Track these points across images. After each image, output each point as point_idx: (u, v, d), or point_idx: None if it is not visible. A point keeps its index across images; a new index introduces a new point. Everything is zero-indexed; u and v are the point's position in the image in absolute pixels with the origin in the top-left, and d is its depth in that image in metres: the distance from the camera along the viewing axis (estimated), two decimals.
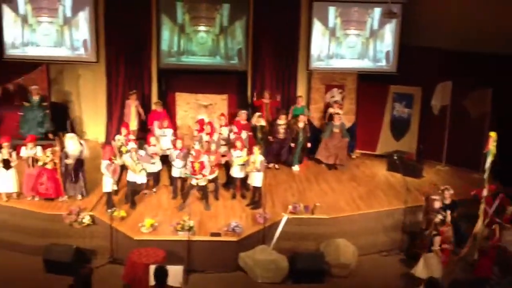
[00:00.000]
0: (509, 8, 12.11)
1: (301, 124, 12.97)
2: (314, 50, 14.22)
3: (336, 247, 9.94)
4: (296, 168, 13.12)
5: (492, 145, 9.53)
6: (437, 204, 9.98)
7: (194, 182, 10.62)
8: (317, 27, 14.12)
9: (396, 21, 13.88)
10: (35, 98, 13.16)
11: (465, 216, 10.33)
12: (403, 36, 14.06)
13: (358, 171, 13.18)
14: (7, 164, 10.50)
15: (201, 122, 12.38)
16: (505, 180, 11.05)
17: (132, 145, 10.79)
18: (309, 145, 13.12)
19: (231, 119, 13.16)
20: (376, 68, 14.43)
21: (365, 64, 14.42)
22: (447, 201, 10.06)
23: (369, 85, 14.23)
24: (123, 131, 11.50)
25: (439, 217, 9.67)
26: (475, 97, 12.28)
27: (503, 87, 12.23)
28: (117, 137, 11.41)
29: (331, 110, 13.77)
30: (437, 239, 9.47)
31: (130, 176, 10.67)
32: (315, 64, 14.31)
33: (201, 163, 10.55)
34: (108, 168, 10.25)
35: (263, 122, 12.94)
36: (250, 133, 12.55)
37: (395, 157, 12.52)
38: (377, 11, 14.01)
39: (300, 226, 10.45)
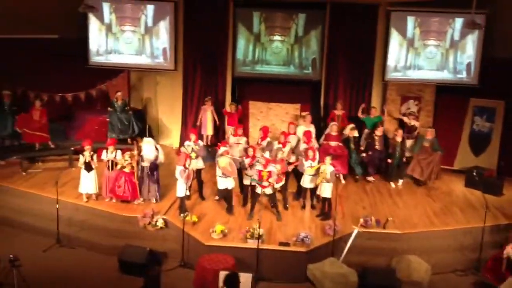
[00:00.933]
0: None
1: (399, 138, 12.68)
2: (391, 61, 13.96)
3: (408, 264, 9.63)
4: (393, 185, 12.75)
5: None
6: None
7: (259, 190, 10.67)
8: (395, 37, 13.87)
9: (479, 31, 13.35)
10: (119, 103, 13.73)
11: None
12: (485, 47, 13.51)
13: (434, 186, 12.74)
14: (88, 167, 10.99)
15: (264, 130, 12.39)
16: None
17: (224, 148, 10.98)
18: (412, 163, 12.72)
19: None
20: (456, 80, 13.93)
21: (445, 75, 13.96)
22: None
23: (447, 97, 13.78)
24: (192, 136, 11.72)
25: None
26: None
27: None
28: (186, 143, 11.55)
29: (406, 120, 13.44)
30: None
31: (221, 184, 10.87)
32: (391, 75, 14.04)
33: (269, 172, 10.57)
34: (182, 174, 10.48)
35: (356, 133, 12.86)
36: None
37: (475, 173, 12.02)
38: (458, 21, 13.56)
39: (371, 240, 10.24)
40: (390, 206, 11.53)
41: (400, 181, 12.78)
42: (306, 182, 11.19)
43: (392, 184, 12.74)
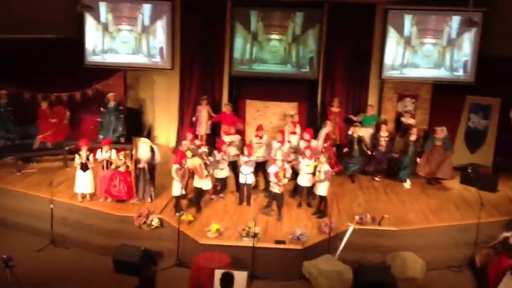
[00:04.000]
0: None
1: (413, 137, 12.65)
2: (388, 59, 13.98)
3: (403, 261, 9.63)
4: (407, 184, 12.69)
5: None
6: None
7: (277, 190, 10.69)
8: (392, 36, 13.88)
9: (476, 30, 13.35)
10: (112, 104, 13.75)
11: None
12: (482, 45, 13.52)
13: (429, 183, 12.74)
14: (84, 166, 11.01)
15: (259, 128, 12.42)
16: None
17: (203, 149, 11.00)
18: (418, 160, 12.63)
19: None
20: (453, 77, 13.95)
21: (441, 73, 13.97)
22: None
23: (444, 95, 13.80)
24: (188, 136, 11.74)
25: None
26: None
27: None
28: (184, 142, 11.67)
29: (403, 119, 13.45)
30: None
31: (196, 182, 10.89)
32: (388, 73, 14.05)
33: (284, 170, 10.60)
34: (178, 173, 10.51)
35: (361, 133, 12.86)
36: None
37: (470, 170, 12.03)
38: (455, 20, 13.57)
39: (367, 237, 10.24)
40: (386, 203, 11.55)
41: (408, 181, 12.72)
42: (303, 180, 11.21)
43: (407, 185, 12.62)
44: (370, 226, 10.35)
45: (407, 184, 12.60)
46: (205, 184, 10.91)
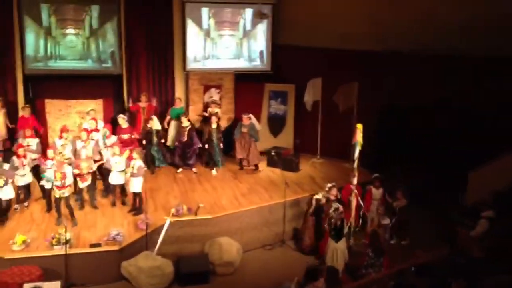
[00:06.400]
0: (381, 6, 12.80)
1: (214, 125, 12.89)
2: (190, 52, 14.20)
3: (219, 246, 10.00)
4: (214, 172, 12.97)
5: (359, 136, 10.08)
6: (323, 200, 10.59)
7: (57, 194, 10.12)
8: (192, 28, 14.11)
9: (267, 21, 14.25)
10: None
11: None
12: (275, 35, 14.49)
13: (239, 169, 13.32)
14: None
15: (62, 129, 11.85)
16: (371, 167, 11.80)
17: None
18: (206, 146, 12.99)
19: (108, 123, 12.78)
20: (251, 67, 14.74)
21: (241, 64, 14.67)
22: (333, 198, 10.52)
23: (246, 84, 14.51)
24: None
25: (334, 207, 9.86)
26: (344, 91, 12.90)
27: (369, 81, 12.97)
28: None
29: (209, 110, 13.82)
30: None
31: None
32: (191, 65, 14.30)
33: (63, 174, 10.05)
34: None
35: (158, 126, 12.75)
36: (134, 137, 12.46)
37: (273, 153, 12.87)
38: (248, 12, 14.30)
39: (184, 228, 10.36)
40: (200, 192, 11.79)
41: (214, 169, 13.09)
42: (115, 178, 10.91)
43: (214, 171, 13.00)
44: (186, 217, 10.48)
45: (214, 172, 13.02)
46: (3, 193, 9.99)
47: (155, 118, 12.87)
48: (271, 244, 10.93)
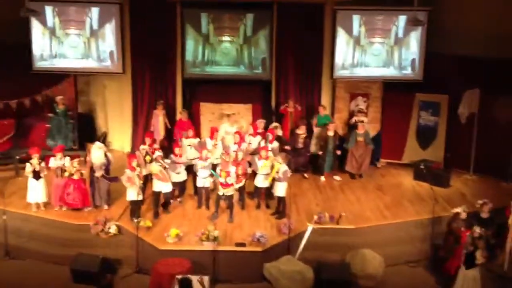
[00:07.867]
0: None
1: (330, 133, 12.91)
2: (338, 59, 14.15)
3: (362, 258, 9.82)
4: (323, 178, 13.03)
5: None
6: (463, 216, 9.82)
7: (220, 192, 10.65)
8: (341, 36, 14.05)
9: (422, 28, 13.73)
10: (61, 108, 13.38)
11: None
12: (429, 43, 13.90)
13: (384, 181, 13.03)
14: (37, 175, 10.67)
15: (212, 130, 12.42)
16: None
17: (158, 153, 10.87)
18: (338, 152, 12.96)
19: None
20: (401, 76, 14.27)
21: (390, 72, 14.26)
22: (484, 215, 9.86)
23: (394, 93, 14.12)
24: (147, 140, 11.61)
25: (477, 231, 8.95)
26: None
27: None
28: (142, 146, 11.56)
29: (355, 118, 13.67)
30: (479, 254, 8.82)
31: (156, 186, 10.73)
32: (339, 72, 14.23)
33: (227, 172, 10.57)
34: (124, 177, 10.29)
35: (279, 132, 12.98)
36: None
37: (422, 166, 12.35)
38: (401, 19, 13.88)
39: (325, 236, 10.37)
40: (343, 201, 11.70)
41: (322, 177, 13.04)
42: (260, 181, 11.23)
43: (322, 178, 12.99)
44: (328, 225, 10.47)
45: (323, 178, 12.94)
46: (165, 186, 10.76)
47: (274, 125, 13.15)
48: (416, 261, 10.47)
